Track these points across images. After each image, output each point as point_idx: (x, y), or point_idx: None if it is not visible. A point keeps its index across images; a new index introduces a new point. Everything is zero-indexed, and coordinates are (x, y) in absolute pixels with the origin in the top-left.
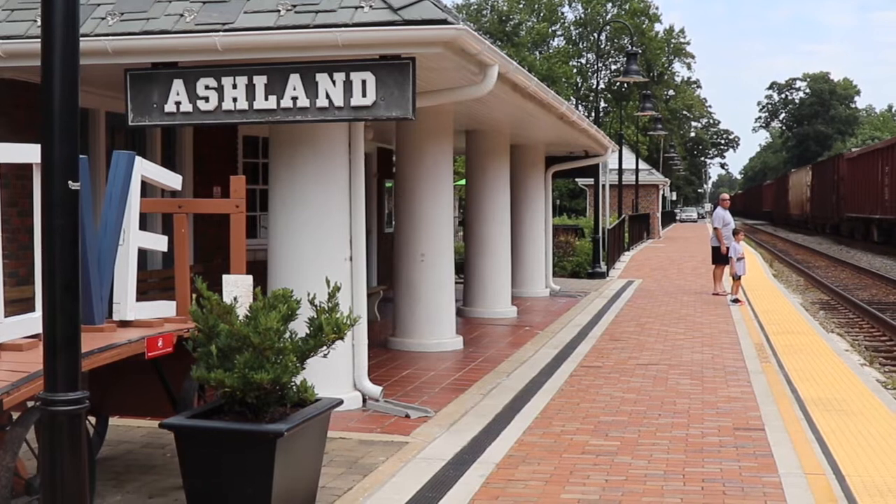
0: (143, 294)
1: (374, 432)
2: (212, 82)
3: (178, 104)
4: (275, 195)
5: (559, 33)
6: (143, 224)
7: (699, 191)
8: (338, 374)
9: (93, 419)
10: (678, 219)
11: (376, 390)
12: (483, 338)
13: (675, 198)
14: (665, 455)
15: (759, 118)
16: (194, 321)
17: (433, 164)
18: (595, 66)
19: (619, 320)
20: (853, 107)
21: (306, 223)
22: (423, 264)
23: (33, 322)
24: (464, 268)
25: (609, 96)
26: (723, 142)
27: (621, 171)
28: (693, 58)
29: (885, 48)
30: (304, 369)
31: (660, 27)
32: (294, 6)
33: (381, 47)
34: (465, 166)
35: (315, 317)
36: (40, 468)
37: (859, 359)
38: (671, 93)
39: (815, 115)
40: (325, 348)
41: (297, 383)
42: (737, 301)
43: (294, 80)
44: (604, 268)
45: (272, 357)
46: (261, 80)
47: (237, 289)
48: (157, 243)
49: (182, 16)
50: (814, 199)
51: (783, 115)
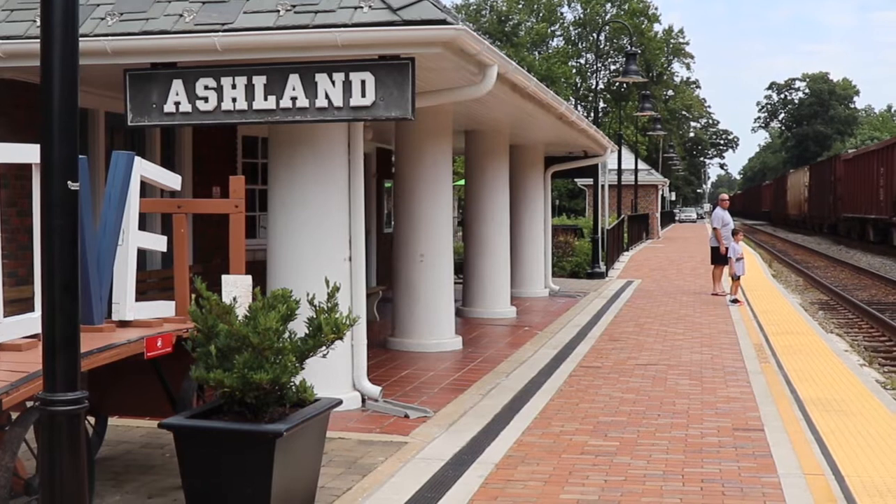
0: (143, 294)
1: (373, 432)
2: (211, 82)
3: (177, 104)
4: (274, 195)
5: (558, 33)
6: (143, 224)
7: (698, 191)
8: (337, 375)
9: (92, 419)
10: (677, 219)
11: (375, 390)
12: (482, 338)
13: (674, 198)
14: (664, 455)
15: (759, 118)
16: (193, 321)
17: (432, 164)
18: (594, 67)
19: (619, 320)
20: (852, 107)
21: (305, 223)
22: (422, 264)
23: (32, 322)
24: (463, 268)
25: (608, 96)
26: (722, 142)
27: (620, 171)
28: (692, 58)
29: (884, 48)
30: (303, 369)
31: (659, 27)
32: (293, 6)
33: (381, 47)
34: (464, 166)
35: (314, 317)
36: (39, 468)
37: (858, 359)
38: (670, 93)
39: (814, 116)
40: (324, 348)
41: (297, 383)
42: (736, 301)
43: (293, 80)
44: (603, 268)
45: (271, 357)
46: (260, 81)
47: (236, 289)
48: (157, 243)
49: (181, 16)
50: (811, 199)
51: (782, 115)
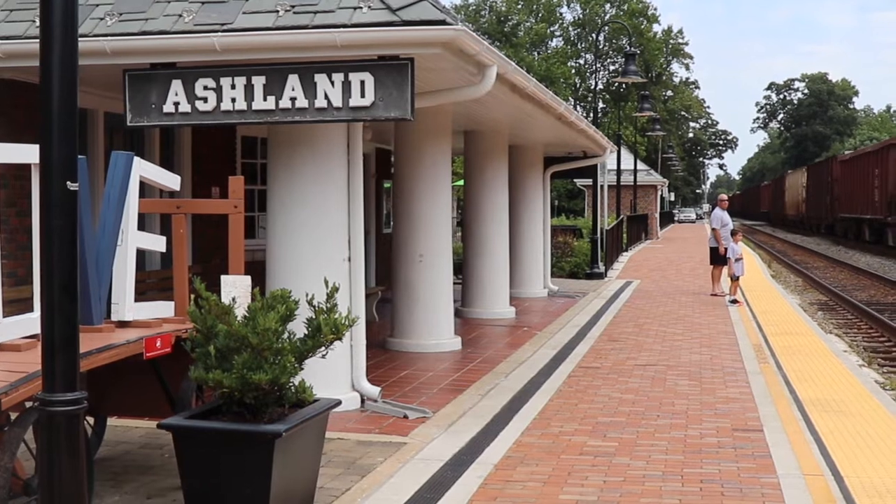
0: (142, 294)
1: (372, 433)
2: (210, 83)
3: (176, 104)
4: (273, 195)
5: (558, 34)
6: (142, 224)
7: (697, 191)
8: (336, 375)
9: (91, 419)
10: (676, 219)
11: (374, 391)
12: (481, 338)
13: (673, 198)
14: (663, 456)
15: (758, 119)
16: (193, 321)
17: (432, 164)
18: (593, 67)
19: (618, 321)
20: (851, 107)
21: (305, 223)
22: (421, 265)
23: (32, 322)
24: (462, 268)
25: (607, 97)
26: (721, 142)
27: (619, 171)
28: (691, 58)
29: (884, 49)
30: (302, 370)
31: (658, 28)
32: (293, 7)
33: (380, 48)
34: (463, 167)
35: (313, 317)
36: (38, 468)
37: (858, 359)
38: (669, 93)
39: (813, 116)
40: (323, 349)
41: (296, 384)
42: (735, 302)
43: (293, 80)
44: (602, 268)
45: (270, 357)
46: (259, 81)
47: (235, 289)
48: (156, 244)
49: (181, 16)
50: (809, 200)
51: (781, 115)
